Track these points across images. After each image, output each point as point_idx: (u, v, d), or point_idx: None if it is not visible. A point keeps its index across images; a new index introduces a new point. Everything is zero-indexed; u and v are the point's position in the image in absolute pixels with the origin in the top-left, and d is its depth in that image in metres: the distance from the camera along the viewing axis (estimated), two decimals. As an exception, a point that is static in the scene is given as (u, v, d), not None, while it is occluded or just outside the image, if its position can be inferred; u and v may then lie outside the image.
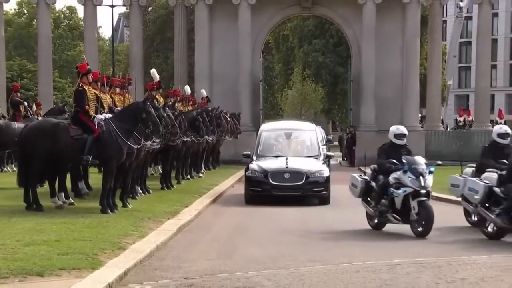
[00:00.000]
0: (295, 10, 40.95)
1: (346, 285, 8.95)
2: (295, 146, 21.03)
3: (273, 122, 26.59)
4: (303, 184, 18.70)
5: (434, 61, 40.30)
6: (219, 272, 9.65)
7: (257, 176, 18.93)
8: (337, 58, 57.45)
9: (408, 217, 13.22)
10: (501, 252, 11.47)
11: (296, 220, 15.60)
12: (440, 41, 42.70)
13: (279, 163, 19.20)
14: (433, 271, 9.85)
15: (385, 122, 37.32)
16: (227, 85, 37.35)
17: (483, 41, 41.79)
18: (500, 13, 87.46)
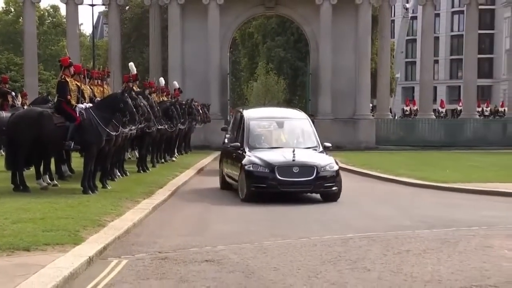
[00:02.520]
0: (260, 10, 40.91)
1: (305, 257, 8.98)
2: (290, 136, 16.91)
3: (256, 109, 22.00)
4: (313, 180, 14.90)
5: (383, 56, 40.52)
6: (190, 247, 9.65)
7: (260, 170, 15.07)
8: (297, 53, 57.54)
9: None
10: (441, 227, 11.58)
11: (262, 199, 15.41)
12: (388, 38, 42.93)
13: (285, 155, 15.33)
14: (382, 244, 9.92)
15: (340, 111, 37.72)
16: (198, 77, 37.30)
17: (427, 39, 42.08)
18: (441, 14, 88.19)
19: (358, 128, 37.25)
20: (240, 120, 17.29)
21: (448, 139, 37.13)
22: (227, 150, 17.43)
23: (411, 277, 7.76)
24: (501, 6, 76.15)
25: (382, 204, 14.76)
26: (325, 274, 7.90)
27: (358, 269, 8.22)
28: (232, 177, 16.52)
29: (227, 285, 7.42)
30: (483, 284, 7.40)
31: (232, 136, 17.82)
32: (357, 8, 37.95)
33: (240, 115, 17.47)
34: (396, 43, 67.62)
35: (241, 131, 16.72)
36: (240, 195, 15.32)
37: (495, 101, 63.30)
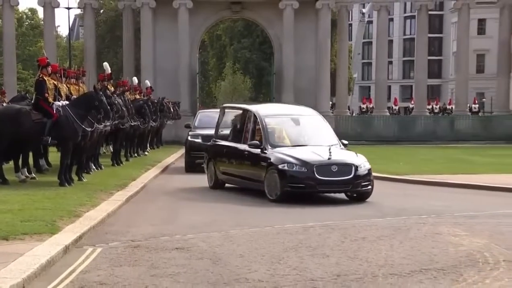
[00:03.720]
0: (227, 13, 40.88)
1: (268, 244, 8.98)
2: (309, 133, 14.95)
3: (266, 105, 18.57)
4: (352, 179, 13.27)
5: (342, 57, 40.74)
6: (161, 236, 9.60)
7: (297, 170, 13.21)
8: (262, 54, 57.57)
9: None
10: (394, 215, 11.68)
11: (230, 192, 15.36)
12: (347, 41, 43.13)
13: (319, 153, 13.50)
14: (340, 232, 9.96)
15: (302, 108, 37.79)
16: (169, 77, 37.18)
17: (381, 42, 42.45)
18: (395, 18, 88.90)
19: (318, 124, 37.32)
20: (244, 118, 15.29)
21: (401, 134, 37.47)
22: (220, 148, 15.75)
23: (366, 262, 7.81)
24: (448, 12, 77.09)
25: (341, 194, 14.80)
26: (287, 260, 7.92)
27: (317, 255, 8.24)
28: (241, 176, 14.74)
29: (195, 271, 7.40)
30: (431, 268, 7.47)
31: (232, 134, 15.83)
32: (317, 13, 38.12)
33: (247, 112, 15.36)
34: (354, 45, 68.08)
35: (250, 130, 14.77)
36: (270, 196, 13.41)
37: (444, 99, 64.00)
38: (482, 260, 7.87)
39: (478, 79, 63.59)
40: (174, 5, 37.44)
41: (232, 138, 15.65)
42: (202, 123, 21.30)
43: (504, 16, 39.77)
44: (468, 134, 38.04)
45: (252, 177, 14.26)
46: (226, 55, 63.41)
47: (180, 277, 7.09)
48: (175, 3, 37.47)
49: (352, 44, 67.89)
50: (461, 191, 15.55)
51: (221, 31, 61.62)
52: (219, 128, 16.58)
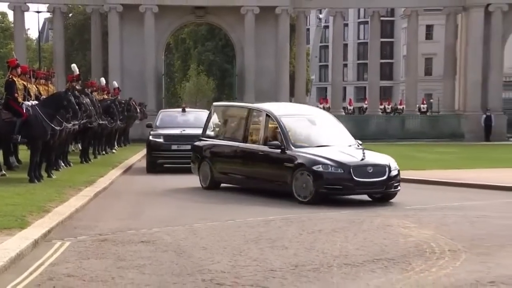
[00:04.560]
0: (191, 18, 40.75)
1: (230, 237, 8.97)
2: (328, 133, 13.88)
3: (276, 105, 16.85)
4: (386, 180, 12.39)
5: (300, 60, 40.95)
6: (127, 229, 9.50)
7: (332, 171, 12.21)
8: (225, 57, 57.51)
9: None
10: (349, 209, 11.76)
11: (193, 187, 15.25)
12: (304, 45, 43.41)
13: (352, 154, 12.63)
14: (298, 224, 10.00)
15: (262, 108, 37.83)
16: (135, 78, 36.93)
17: (337, 45, 42.75)
18: (349, 24, 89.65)
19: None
20: (249, 117, 14.14)
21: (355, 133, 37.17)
22: (218, 147, 14.64)
23: (322, 253, 7.85)
24: (399, 18, 78.00)
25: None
26: (248, 252, 7.91)
27: (277, 247, 8.25)
28: (251, 177, 13.65)
29: (160, 263, 7.35)
30: (383, 258, 7.54)
31: (228, 133, 14.93)
32: (277, 18, 38.22)
33: (252, 111, 14.27)
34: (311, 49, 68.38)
35: (262, 129, 13.63)
36: (299, 197, 12.39)
37: (395, 100, 64.76)
38: (429, 250, 7.97)
39: (426, 81, 64.51)
40: (141, 10, 37.21)
41: (231, 138, 14.58)
42: (164, 122, 20.19)
43: (449, 22, 40.38)
44: (417, 132, 38.59)
45: (270, 178, 13.16)
46: (190, 58, 63.17)
47: (146, 269, 7.04)
48: (142, 8, 37.24)
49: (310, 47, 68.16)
50: (410, 185, 15.72)
51: (185, 34, 61.37)
52: (207, 128, 15.45)
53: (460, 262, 7.32)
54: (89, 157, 20.36)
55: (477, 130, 37.57)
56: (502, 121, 38.56)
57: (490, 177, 16.38)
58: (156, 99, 37.84)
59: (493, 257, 7.62)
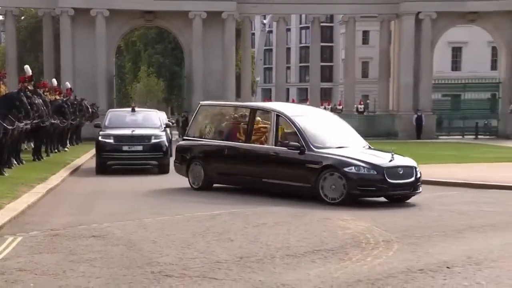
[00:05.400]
0: (140, 22, 40.31)
1: (179, 231, 8.92)
2: (342, 134, 13.14)
3: (281, 104, 16.00)
4: (414, 181, 11.81)
5: (246, 63, 40.97)
6: (79, 225, 9.34)
7: (366, 172, 11.54)
8: (174, 59, 57.07)
9: None
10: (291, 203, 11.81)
11: (142, 185, 15.05)
12: (250, 48, 43.44)
13: (380, 156, 12.04)
14: (243, 218, 10.00)
15: (210, 108, 37.75)
16: (87, 79, 36.31)
17: (280, 49, 42.97)
18: (292, 29, 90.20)
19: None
20: (253, 117, 13.30)
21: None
22: (216, 148, 13.71)
23: (266, 245, 7.88)
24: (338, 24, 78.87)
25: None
26: (196, 245, 7.88)
27: (223, 240, 8.25)
28: (260, 178, 12.69)
29: (111, 256, 7.25)
30: (322, 249, 7.62)
31: (220, 134, 14.05)
32: (223, 22, 38.17)
33: (255, 111, 13.47)
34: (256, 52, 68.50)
35: (273, 130, 12.74)
36: (327, 199, 11.64)
37: (335, 101, 65.60)
38: (365, 241, 8.10)
39: (363, 83, 65.43)
40: (92, 14, 36.62)
41: (227, 138, 13.71)
42: (112, 122, 18.66)
43: (383, 28, 41.08)
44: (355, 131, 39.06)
45: (287, 179, 12.29)
46: (141, 60, 62.49)
47: (97, 262, 6.94)
48: (93, 12, 36.65)
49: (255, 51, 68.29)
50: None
51: (136, 37, 60.65)
52: (193, 127, 14.63)
53: (393, 252, 7.47)
54: (41, 155, 19.94)
55: (410, 129, 38.34)
56: (432, 121, 39.47)
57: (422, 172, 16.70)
58: (107, 99, 37.31)
59: (422, 247, 7.80)
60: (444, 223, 9.59)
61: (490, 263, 6.91)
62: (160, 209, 11.17)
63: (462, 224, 9.50)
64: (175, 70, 56.07)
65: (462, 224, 9.50)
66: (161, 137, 17.82)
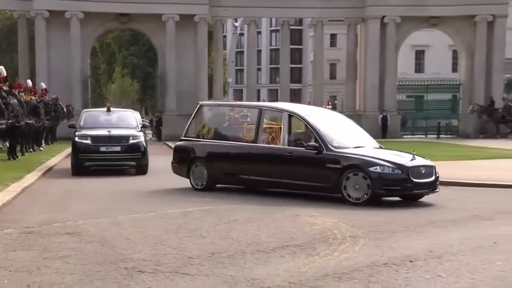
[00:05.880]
0: (115, 24, 39.96)
1: (152, 228, 8.86)
2: (354, 134, 12.86)
3: (289, 104, 15.45)
4: (434, 181, 11.60)
5: (218, 64, 40.89)
6: (54, 222, 9.21)
7: (390, 172, 11.18)
8: (148, 60, 56.72)
9: None
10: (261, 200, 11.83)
11: (118, 185, 14.85)
12: (222, 50, 43.32)
13: (400, 155, 11.76)
14: (215, 215, 9.98)
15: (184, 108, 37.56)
16: (62, 80, 35.88)
17: (251, 51, 42.99)
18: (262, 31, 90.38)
19: (197, 122, 37.27)
20: (259, 117, 12.79)
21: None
22: (222, 148, 13.21)
23: (237, 241, 7.88)
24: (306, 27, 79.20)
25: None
26: (168, 241, 7.84)
27: (195, 236, 8.22)
28: (273, 178, 12.26)
29: (85, 253, 7.17)
30: (291, 244, 7.64)
31: (224, 134, 13.54)
32: (196, 25, 38.07)
33: (265, 111, 13.00)
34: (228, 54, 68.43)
35: (286, 130, 12.30)
36: (350, 199, 11.28)
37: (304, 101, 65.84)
38: (332, 237, 8.14)
39: (331, 84, 65.85)
40: (67, 16, 36.22)
41: (233, 138, 13.19)
42: (88, 122, 18.00)
43: (350, 32, 41.38)
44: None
45: (304, 179, 11.85)
46: (115, 61, 61.97)
47: (71, 259, 6.85)
48: (67, 14, 36.25)
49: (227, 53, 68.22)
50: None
51: (110, 39, 60.15)
52: (192, 127, 14.08)
53: (359, 247, 7.52)
54: (16, 154, 19.63)
55: (376, 129, 38.60)
56: (397, 121, 39.90)
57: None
58: (82, 100, 36.93)
59: (387, 242, 7.87)
60: (407, 219, 9.69)
61: (450, 257, 7.00)
62: (134, 207, 11.07)
63: (425, 219, 9.62)
64: (149, 71, 55.73)
65: (424, 219, 9.62)
66: (139, 138, 17.23)
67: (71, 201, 12.06)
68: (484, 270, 6.40)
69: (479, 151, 24.43)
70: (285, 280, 6.00)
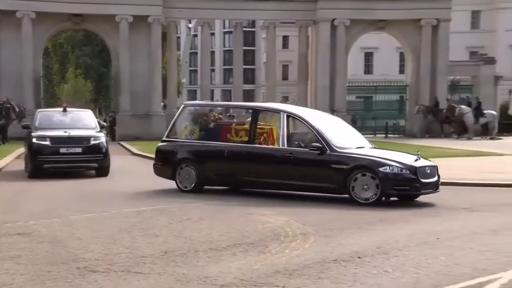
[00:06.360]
0: (68, 25, 39.22)
1: (105, 227, 8.72)
2: (350, 134, 12.69)
3: (283, 105, 14.71)
4: (437, 180, 11.54)
5: (171, 65, 40.62)
6: (4, 223, 8.96)
7: (399, 172, 11.02)
8: (101, 61, 55.89)
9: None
10: (215, 199, 11.79)
11: (73, 186, 14.46)
12: (175, 51, 43.06)
13: (404, 156, 11.70)
14: (168, 214, 9.90)
15: (138, 109, 37.25)
16: (14, 80, 35.01)
17: (205, 52, 42.82)
18: (216, 33, 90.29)
19: (152, 122, 36.99)
20: (255, 118, 12.46)
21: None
22: (214, 149, 12.67)
23: (190, 239, 7.83)
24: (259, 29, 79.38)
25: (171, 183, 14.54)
26: (121, 241, 7.73)
27: (148, 235, 8.13)
28: (272, 178, 11.92)
29: (36, 253, 7.00)
30: (243, 242, 7.64)
31: (214, 135, 12.98)
32: (149, 26, 37.70)
33: (259, 112, 12.67)
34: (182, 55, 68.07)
35: (284, 131, 11.94)
36: (359, 199, 11.04)
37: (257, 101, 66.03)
38: (284, 234, 8.17)
39: (284, 85, 66.22)
40: (18, 15, 35.31)
41: (224, 139, 12.71)
42: (43, 123, 17.03)
43: (302, 34, 41.69)
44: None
45: (307, 180, 11.57)
46: (68, 61, 60.79)
47: (21, 259, 6.68)
48: (19, 14, 35.36)
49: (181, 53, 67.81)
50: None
51: (63, 39, 59.01)
52: (177, 128, 13.47)
53: (310, 244, 7.57)
54: (-34, 155, 18.99)
55: (326, 128, 39.09)
56: (346, 121, 39.28)
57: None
58: (34, 100, 36.07)
59: (336, 239, 7.95)
60: (356, 216, 9.81)
61: (396, 252, 7.12)
62: (88, 207, 10.88)
63: (373, 217, 9.74)
64: (103, 71, 54.92)
65: (373, 217, 9.75)
66: (100, 138, 16.48)
67: (22, 202, 11.77)
68: (428, 265, 6.53)
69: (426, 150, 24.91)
70: (237, 278, 6.00)
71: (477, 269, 6.33)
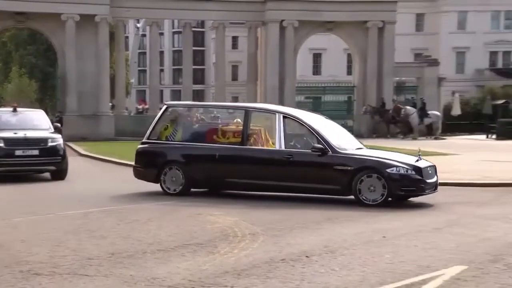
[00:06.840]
0: (11, 23, 38.17)
1: (50, 230, 8.54)
2: (344, 135, 12.55)
3: (277, 107, 13.78)
4: (436, 181, 11.59)
5: (120, 65, 40.07)
6: None
7: (406, 173, 10.94)
8: (47, 60, 54.57)
9: None
10: (164, 199, 11.68)
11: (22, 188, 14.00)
12: (124, 51, 42.53)
13: (406, 156, 11.69)
14: (116, 215, 9.78)
15: (85, 109, 36.58)
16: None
17: (154, 52, 42.46)
18: (165, 33, 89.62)
19: (100, 123, 36.41)
20: (247, 119, 12.03)
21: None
22: (205, 151, 12.21)
23: (138, 241, 7.75)
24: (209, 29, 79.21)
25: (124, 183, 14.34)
26: (67, 243, 7.58)
27: (95, 237, 8.00)
28: (270, 180, 11.62)
29: (-23, 258, 6.78)
30: (192, 243, 7.61)
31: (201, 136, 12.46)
32: (97, 25, 37.08)
33: (251, 113, 12.20)
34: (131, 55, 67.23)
35: (281, 132, 11.63)
36: (366, 201, 10.91)
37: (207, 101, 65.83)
38: (233, 234, 8.18)
39: (233, 85, 66.19)
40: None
41: (213, 141, 12.19)
42: None
43: (251, 34, 41.80)
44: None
45: (309, 182, 11.36)
46: (12, 61, 59.17)
47: (-38, 265, 6.46)
48: (-40, 10, 34.13)
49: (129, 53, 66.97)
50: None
51: (6, 38, 57.39)
52: (160, 129, 12.80)
53: (258, 244, 7.60)
54: None
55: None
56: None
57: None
58: (-24, 99, 35.03)
59: (285, 238, 8.00)
60: (304, 216, 9.85)
61: (343, 251, 7.22)
62: (34, 209, 10.63)
63: (321, 216, 9.85)
64: (49, 71, 53.67)
65: (321, 216, 9.85)
66: (58, 140, 15.61)
67: (-37, 204, 11.40)
68: (374, 263, 6.65)
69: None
70: (185, 278, 5.96)
71: (421, 266, 6.48)
